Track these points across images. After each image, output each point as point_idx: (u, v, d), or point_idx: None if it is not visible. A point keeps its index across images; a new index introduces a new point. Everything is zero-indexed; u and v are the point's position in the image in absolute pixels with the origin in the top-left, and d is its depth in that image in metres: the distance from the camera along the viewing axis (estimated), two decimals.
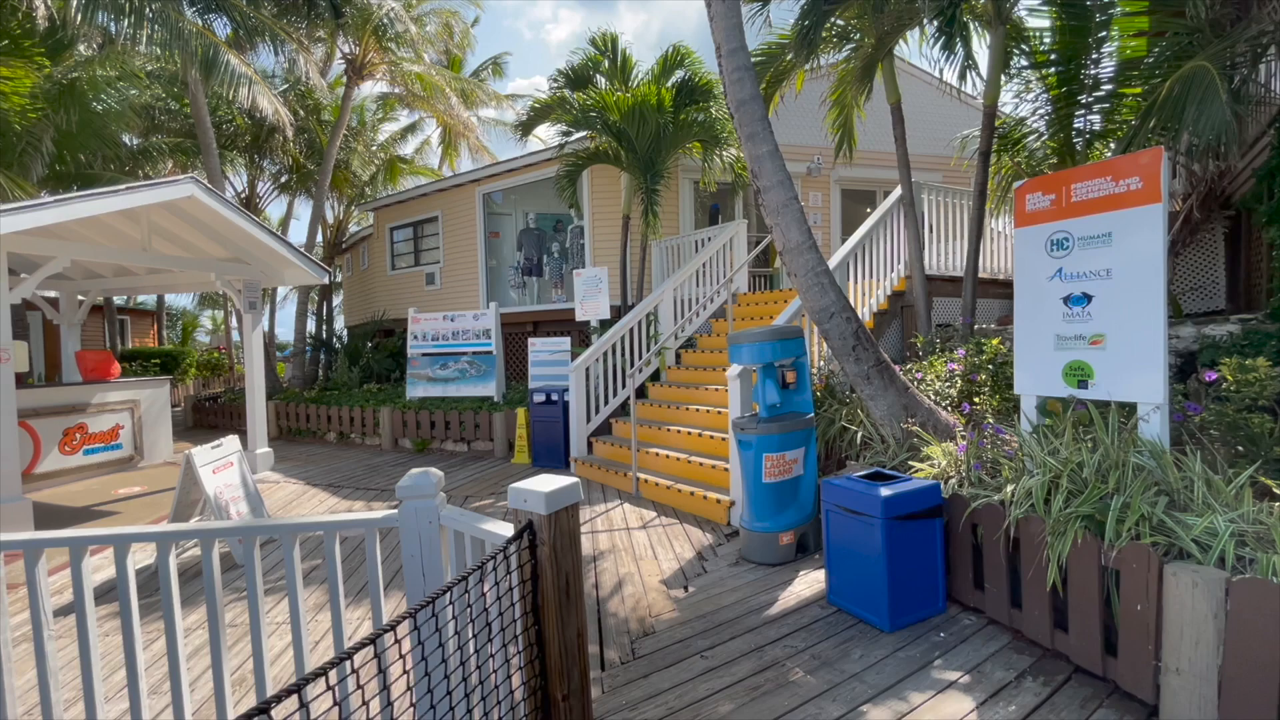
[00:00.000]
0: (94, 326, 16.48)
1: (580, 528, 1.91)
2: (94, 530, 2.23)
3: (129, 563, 2.22)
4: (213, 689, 2.85)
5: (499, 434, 7.83)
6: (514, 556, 1.76)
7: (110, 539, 2.20)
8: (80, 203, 5.24)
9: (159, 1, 8.32)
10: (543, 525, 1.79)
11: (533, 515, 1.81)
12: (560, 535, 1.81)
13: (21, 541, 2.16)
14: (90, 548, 2.22)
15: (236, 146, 13.84)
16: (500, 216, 12.14)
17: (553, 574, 1.79)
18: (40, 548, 2.18)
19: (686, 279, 7.61)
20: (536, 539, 1.80)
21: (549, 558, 1.79)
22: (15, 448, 5.31)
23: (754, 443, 4.11)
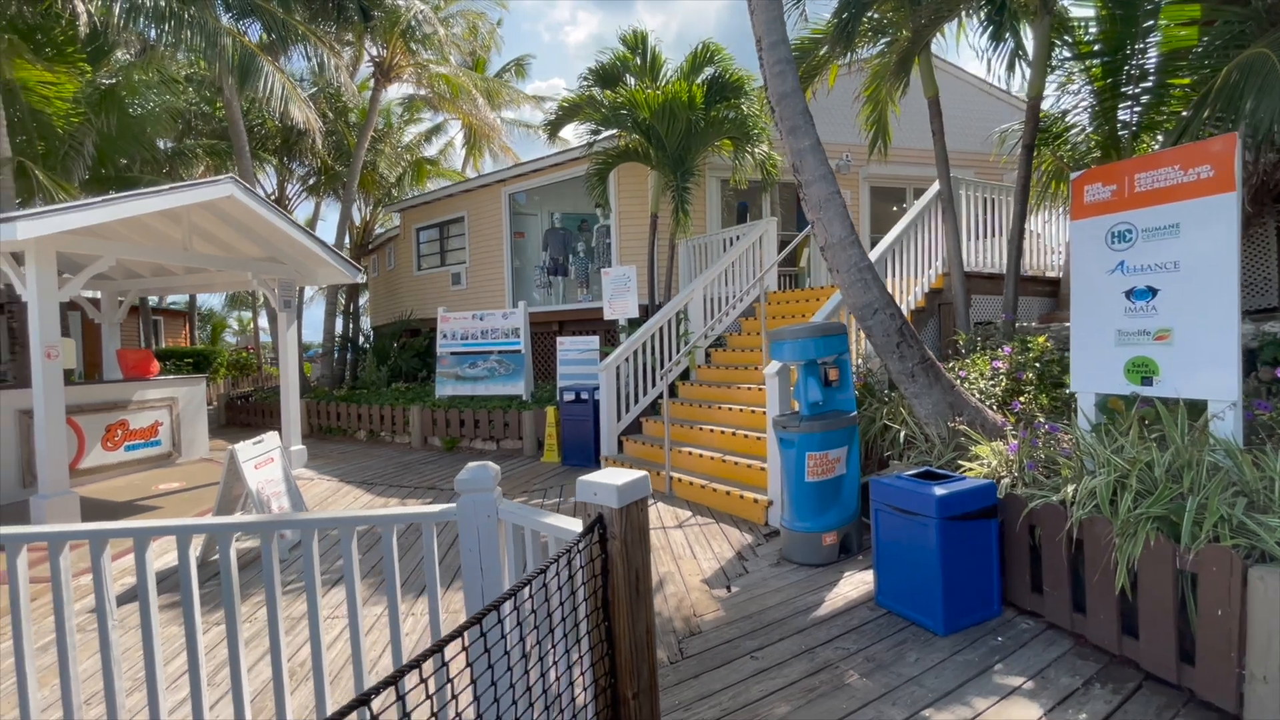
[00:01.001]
0: (130, 326, 16.86)
1: (649, 521, 1.88)
2: (157, 521, 2.24)
3: (190, 553, 2.23)
4: (270, 676, 2.88)
5: (528, 432, 7.84)
6: (584, 551, 1.73)
7: (173, 529, 2.21)
8: (125, 203, 5.34)
9: (195, 7, 8.47)
10: (614, 519, 1.75)
11: (603, 509, 1.78)
12: (631, 529, 1.77)
13: (87, 532, 2.18)
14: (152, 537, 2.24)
15: (267, 149, 14.07)
16: (525, 216, 12.18)
17: (624, 569, 1.76)
18: (105, 538, 2.20)
19: (716, 278, 7.55)
20: (607, 533, 1.77)
21: (620, 552, 1.75)
22: (64, 443, 5.42)
23: (796, 441, 4.05)
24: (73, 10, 9.09)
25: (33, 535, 2.19)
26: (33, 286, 5.13)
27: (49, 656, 2.91)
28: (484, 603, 2.28)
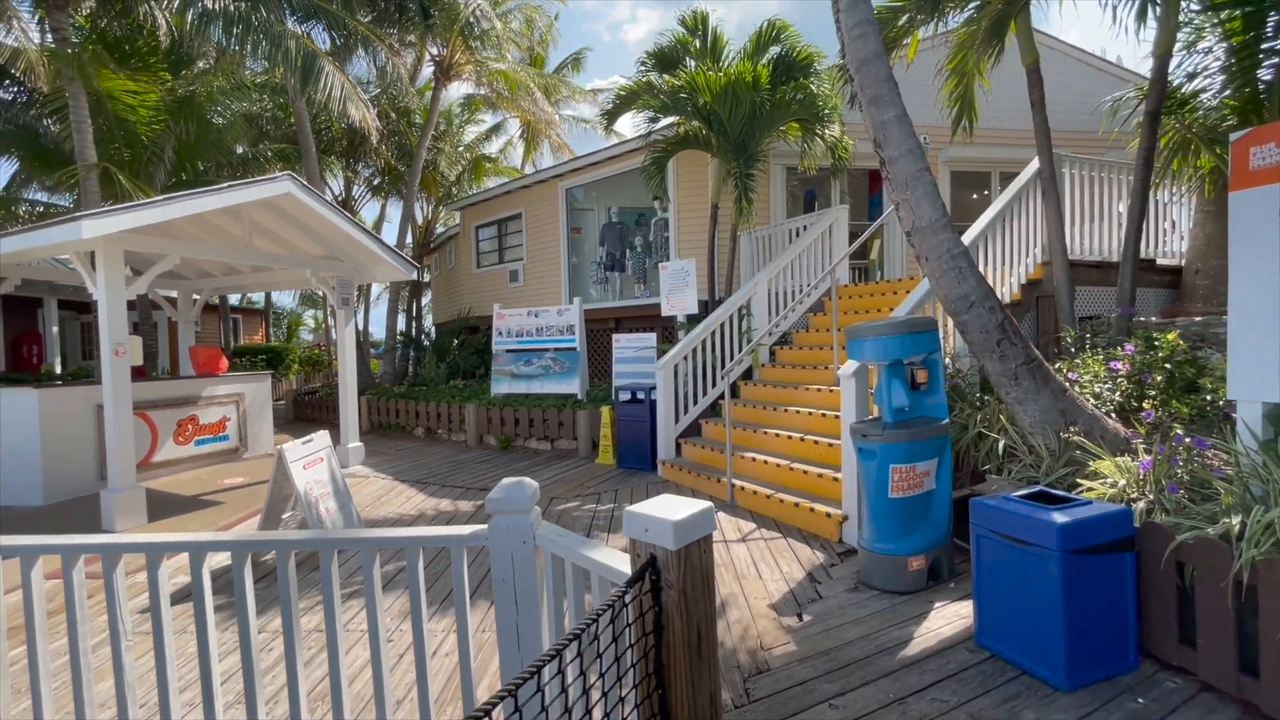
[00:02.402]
0: (211, 324, 17.77)
1: (713, 563, 1.51)
2: (170, 536, 2.05)
3: (204, 572, 2.02)
4: (288, 710, 2.70)
5: (583, 433, 7.58)
6: (633, 602, 1.38)
7: (186, 546, 2.02)
8: (185, 201, 5.38)
9: (263, 8, 8.64)
10: (670, 563, 1.39)
11: (655, 549, 1.42)
12: (691, 575, 1.41)
13: (99, 546, 2.01)
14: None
15: (334, 151, 14.45)
16: (582, 212, 11.98)
17: (682, 625, 1.40)
18: (118, 553, 2.02)
19: (781, 270, 7.06)
20: (661, 580, 1.41)
21: (677, 605, 1.39)
22: (130, 439, 5.53)
23: (878, 452, 3.57)
24: (154, 21, 9.47)
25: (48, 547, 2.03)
26: (101, 285, 5.24)
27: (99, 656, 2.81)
28: (519, 641, 1.97)
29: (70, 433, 6.34)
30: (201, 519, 5.55)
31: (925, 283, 4.81)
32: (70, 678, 2.08)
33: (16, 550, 2.00)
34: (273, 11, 8.84)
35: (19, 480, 6.07)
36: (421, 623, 2.02)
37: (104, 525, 5.29)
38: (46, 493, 6.10)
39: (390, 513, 5.53)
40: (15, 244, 5.29)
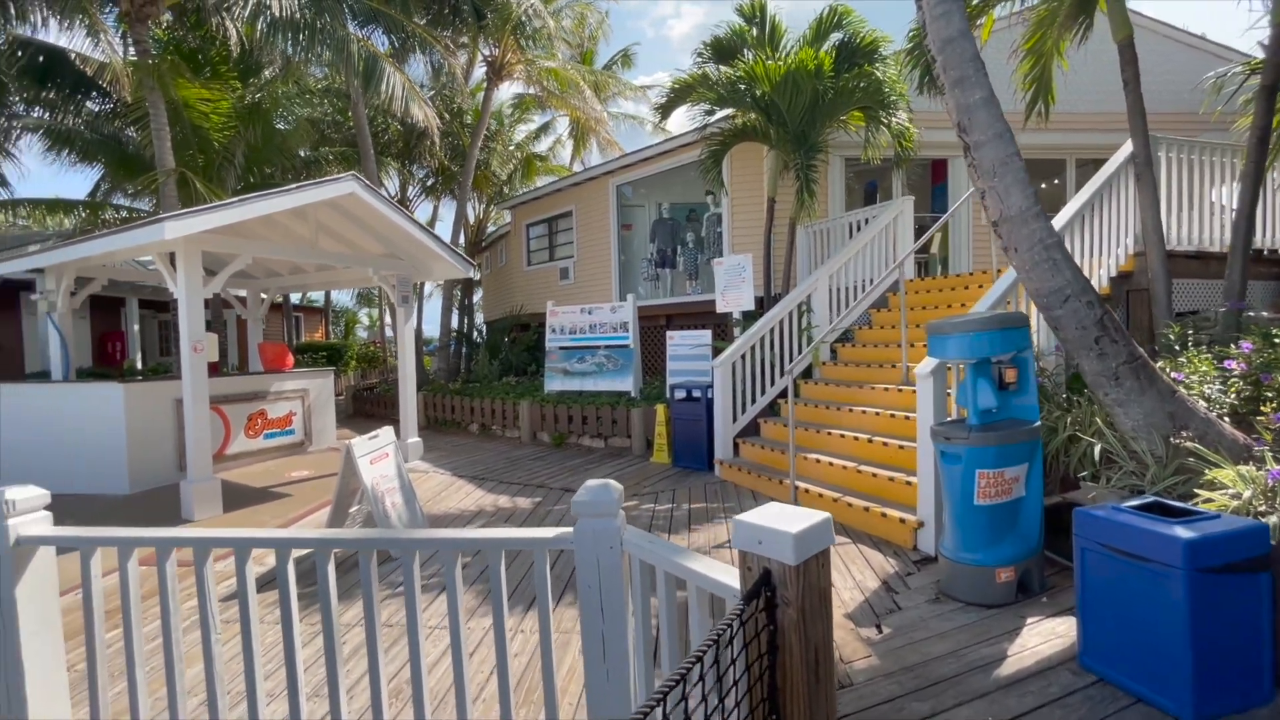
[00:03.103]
0: (275, 322, 18.51)
1: (830, 580, 1.39)
2: (259, 532, 2.06)
3: (290, 569, 2.02)
4: (369, 699, 2.71)
5: (637, 430, 7.51)
6: (749, 620, 1.27)
7: (273, 542, 2.02)
8: (257, 202, 5.54)
9: (327, 15, 8.87)
10: (787, 579, 1.28)
11: (771, 563, 1.31)
12: (809, 593, 1.30)
13: (192, 539, 2.04)
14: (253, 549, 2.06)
15: (390, 153, 14.81)
16: (632, 209, 11.91)
17: (800, 647, 1.28)
18: (209, 547, 2.05)
19: (843, 265, 6.82)
20: (777, 596, 1.30)
21: (795, 625, 1.28)
22: (207, 432, 5.75)
23: (963, 456, 3.36)
24: (225, 32, 9.86)
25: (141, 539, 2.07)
26: (181, 284, 5.45)
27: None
28: (604, 652, 1.90)
29: (152, 426, 6.65)
30: (272, 510, 5.72)
31: (1006, 277, 4.54)
32: (163, 662, 2.13)
33: (115, 541, 2.04)
34: (335, 17, 9.07)
35: (107, 470, 6.40)
36: (503, 625, 1.98)
37: (184, 514, 5.51)
38: (132, 482, 6.41)
39: (451, 508, 5.58)
40: (105, 245, 5.56)
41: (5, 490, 1.99)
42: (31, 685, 2.06)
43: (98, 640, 2.10)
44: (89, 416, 6.47)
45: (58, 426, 6.56)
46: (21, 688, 2.04)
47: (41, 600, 2.10)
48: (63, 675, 2.18)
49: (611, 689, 1.90)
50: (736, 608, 1.23)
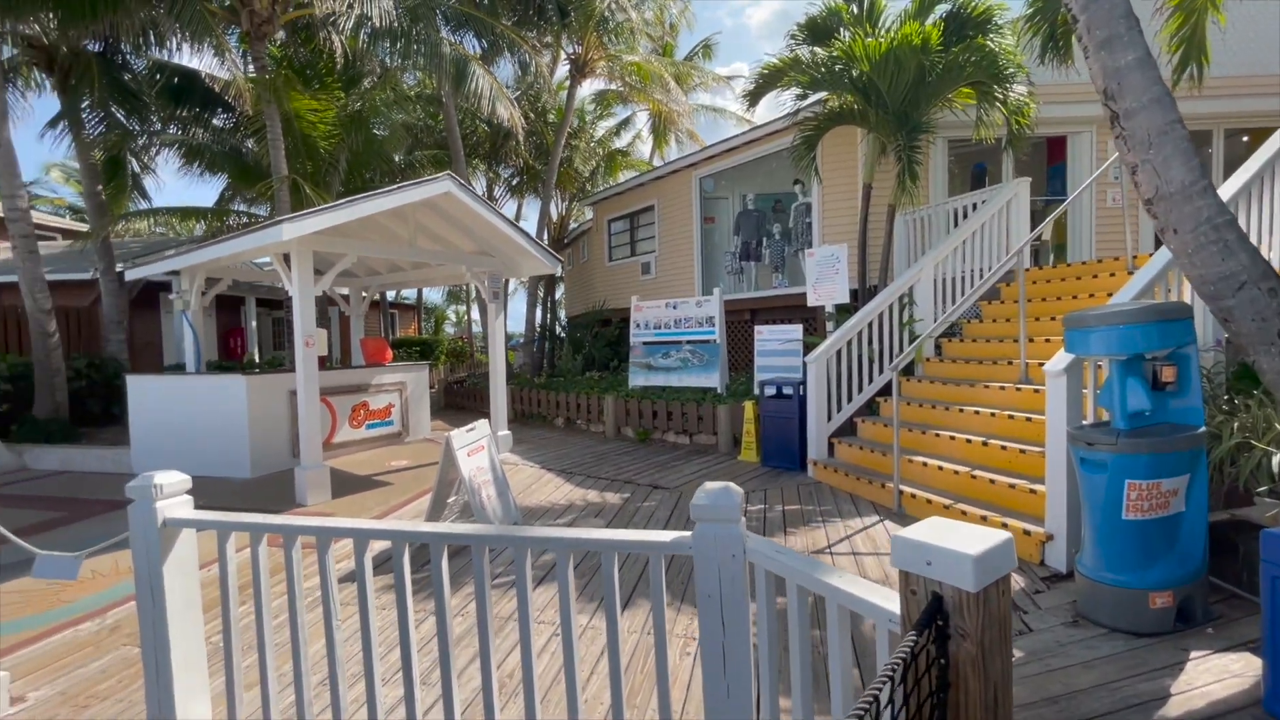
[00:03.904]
0: (373, 319, 19.62)
1: (1010, 610, 1.21)
2: (377, 524, 2.09)
3: (405, 560, 2.04)
4: (480, 684, 2.74)
5: (723, 428, 7.34)
6: (921, 653, 1.11)
7: (390, 534, 2.04)
8: (363, 203, 5.80)
9: (421, 24, 9.21)
10: (964, 607, 1.12)
11: (942, 587, 1.15)
12: (990, 625, 1.12)
13: (315, 528, 2.09)
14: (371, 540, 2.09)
15: (478, 154, 15.28)
16: (715, 201, 11.69)
17: (978, 686, 1.12)
18: (330, 536, 2.10)
19: (949, 254, 6.35)
20: (949, 626, 1.14)
21: (973, 660, 1.11)
22: (318, 422, 6.10)
23: (1108, 464, 3.00)
24: (331, 45, 10.46)
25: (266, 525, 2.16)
26: (295, 282, 5.79)
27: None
28: (725, 666, 1.78)
29: (270, 415, 7.15)
30: (375, 497, 6.00)
31: (1152, 264, 4.05)
32: (288, 638, 2.22)
33: (248, 526, 2.13)
34: (429, 23, 9.41)
35: (232, 456, 6.94)
36: (616, 628, 1.90)
37: (297, 499, 5.87)
38: (253, 467, 6.91)
39: (542, 501, 5.64)
40: (232, 247, 6.00)
41: (154, 475, 2.11)
42: (176, 654, 2.19)
43: (233, 615, 2.21)
44: (216, 406, 7.04)
45: (190, 414, 7.17)
46: (168, 656, 2.17)
47: (184, 577, 2.23)
48: (202, 646, 2.31)
49: (732, 705, 1.78)
50: (912, 640, 1.07)
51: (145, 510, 2.12)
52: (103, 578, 4.04)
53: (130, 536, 2.15)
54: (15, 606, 3.60)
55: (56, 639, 3.28)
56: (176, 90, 11.40)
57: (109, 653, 3.13)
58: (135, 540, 2.15)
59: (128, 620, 3.44)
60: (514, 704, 2.63)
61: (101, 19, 8.65)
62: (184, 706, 2.20)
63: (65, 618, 3.51)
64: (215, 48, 9.00)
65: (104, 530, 5.02)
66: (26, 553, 2.63)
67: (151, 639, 2.18)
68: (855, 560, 4.03)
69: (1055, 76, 6.12)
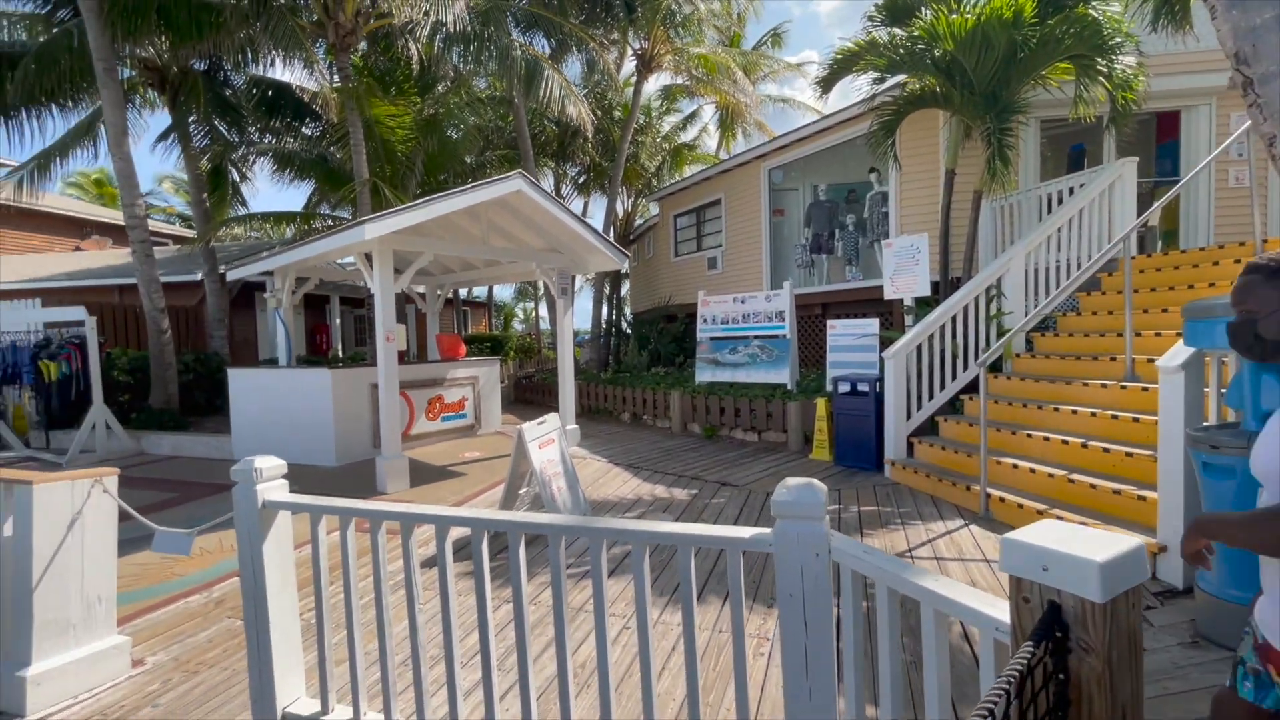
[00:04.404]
0: (447, 315, 20.39)
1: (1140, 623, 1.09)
2: (455, 511, 2.13)
3: (483, 549, 2.07)
4: (552, 672, 2.78)
5: (794, 425, 7.16)
6: (1037, 666, 1.01)
7: (469, 521, 2.08)
8: (439, 202, 6.00)
9: (492, 26, 9.45)
10: (1089, 618, 1.01)
11: (1062, 596, 1.04)
12: (1119, 639, 1.01)
13: (399, 514, 2.16)
14: (451, 526, 2.14)
15: (546, 153, 15.56)
16: (784, 193, 11.41)
17: (1104, 706, 1.01)
18: (413, 522, 2.16)
19: (1042, 243, 5.93)
20: (1071, 639, 1.03)
21: (1099, 678, 1.01)
22: (397, 414, 6.37)
23: (1237, 470, 2.70)
24: (408, 53, 10.91)
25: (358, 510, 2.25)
26: (377, 279, 6.06)
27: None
28: (807, 668, 1.71)
29: (353, 407, 7.53)
30: (451, 487, 6.20)
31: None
32: (374, 617, 2.30)
33: (338, 510, 2.22)
34: (500, 26, 9.64)
35: (318, 444, 7.36)
36: (693, 623, 1.86)
37: (378, 487, 6.15)
38: (338, 455, 7.31)
39: (610, 495, 5.67)
40: (320, 248, 6.35)
41: (254, 460, 2.24)
42: (274, 628, 2.32)
43: (324, 594, 2.32)
44: (305, 398, 7.48)
45: (282, 405, 7.65)
46: (268, 629, 2.30)
47: (281, 556, 2.35)
48: (297, 621, 2.44)
49: (815, 710, 1.71)
50: (1028, 652, 0.98)
51: (247, 492, 2.25)
52: (209, 555, 4.36)
53: (235, 516, 2.29)
54: (134, 578, 3.94)
55: (170, 609, 3.56)
56: (270, 102, 12.20)
57: (215, 624, 3.37)
58: (239, 520, 2.28)
59: (231, 594, 3.69)
60: (586, 694, 2.64)
61: (206, 39, 9.36)
62: (281, 678, 2.33)
63: (177, 590, 3.81)
64: (305, 60, 9.57)
65: (210, 511, 5.43)
66: (147, 529, 2.86)
67: (253, 613, 2.31)
68: (939, 565, 3.82)
69: (1168, 46, 5.59)
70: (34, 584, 2.49)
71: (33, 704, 2.50)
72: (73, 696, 2.62)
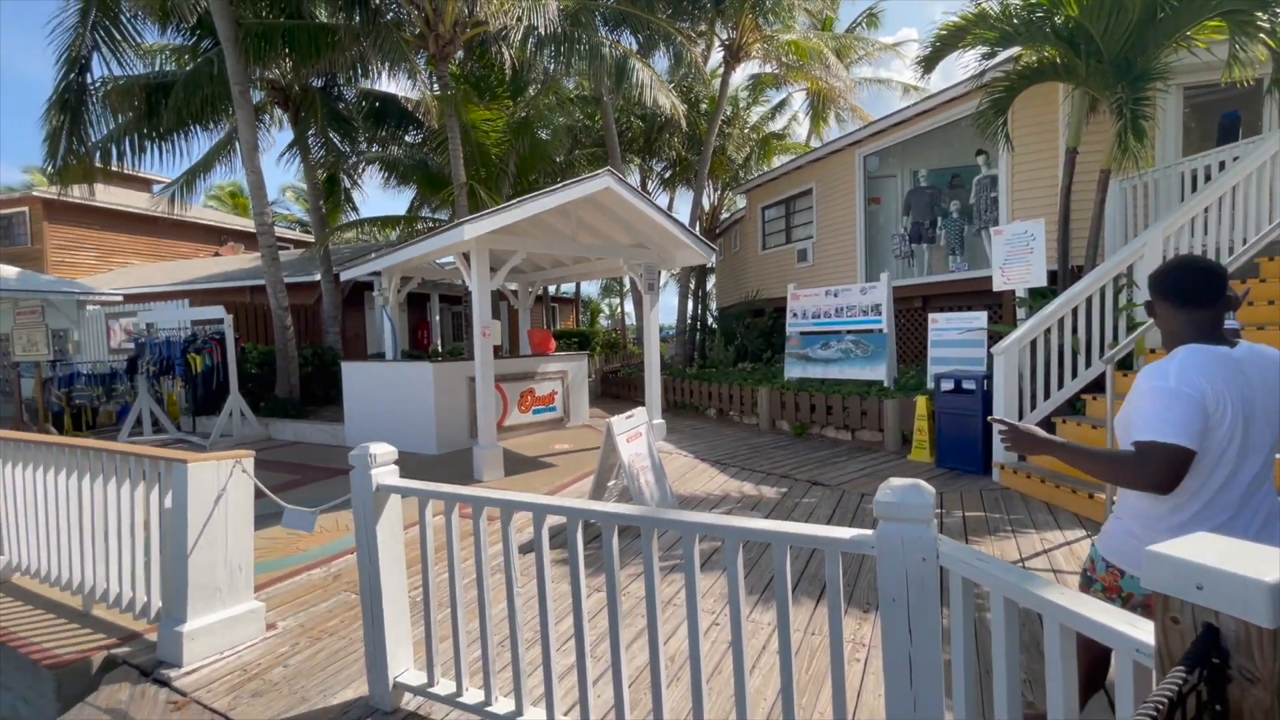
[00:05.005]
0: (537, 312, 21.03)
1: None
2: (552, 500, 2.20)
3: (578, 538, 2.12)
4: (646, 660, 2.81)
5: (890, 424, 6.83)
6: (1191, 694, 0.90)
7: (565, 510, 2.14)
8: (532, 202, 6.20)
9: (581, 28, 9.62)
10: (1255, 645, 0.89)
11: (1220, 618, 0.92)
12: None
13: (500, 501, 2.25)
14: (549, 514, 2.21)
15: (632, 149, 15.69)
16: (881, 180, 10.88)
17: None
18: (512, 509, 2.24)
19: (1185, 225, 5.30)
20: (1231, 666, 0.91)
21: (1266, 711, 0.88)
22: (493, 405, 6.65)
23: None
24: (502, 58, 11.33)
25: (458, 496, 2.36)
26: (474, 277, 6.35)
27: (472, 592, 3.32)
28: (911, 677, 1.62)
29: (451, 398, 7.95)
30: (542, 478, 6.41)
31: None
32: (475, 597, 2.41)
33: (443, 495, 2.35)
34: (589, 25, 9.80)
35: (420, 434, 7.82)
36: (788, 622, 1.82)
37: (475, 475, 6.45)
38: (438, 444, 7.74)
39: (696, 490, 5.65)
40: (422, 248, 6.73)
41: (370, 446, 2.41)
42: (387, 603, 2.49)
43: (430, 573, 2.47)
44: (409, 389, 7.97)
45: (388, 395, 8.20)
46: (381, 604, 2.47)
47: (392, 536, 2.52)
48: (405, 597, 2.60)
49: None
50: (1179, 676, 0.87)
51: (363, 476, 2.42)
52: (326, 533, 4.75)
53: (352, 498, 2.47)
54: (265, 551, 4.35)
55: (295, 580, 3.91)
56: (378, 113, 13.07)
57: (333, 596, 3.66)
58: (356, 502, 2.46)
59: (346, 570, 4.00)
60: (675, 687, 2.64)
61: (324, 58, 10.15)
62: (393, 649, 2.50)
63: (301, 563, 4.17)
64: (408, 71, 10.16)
65: (327, 492, 5.92)
66: (277, 506, 3.16)
67: (368, 588, 2.49)
68: (1056, 579, 3.51)
69: None
70: (189, 551, 2.81)
71: (188, 656, 2.82)
72: (218, 653, 2.93)
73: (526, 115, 12.62)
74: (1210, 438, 1.61)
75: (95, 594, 3.28)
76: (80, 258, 18.01)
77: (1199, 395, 1.59)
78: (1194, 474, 1.62)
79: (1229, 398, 1.60)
